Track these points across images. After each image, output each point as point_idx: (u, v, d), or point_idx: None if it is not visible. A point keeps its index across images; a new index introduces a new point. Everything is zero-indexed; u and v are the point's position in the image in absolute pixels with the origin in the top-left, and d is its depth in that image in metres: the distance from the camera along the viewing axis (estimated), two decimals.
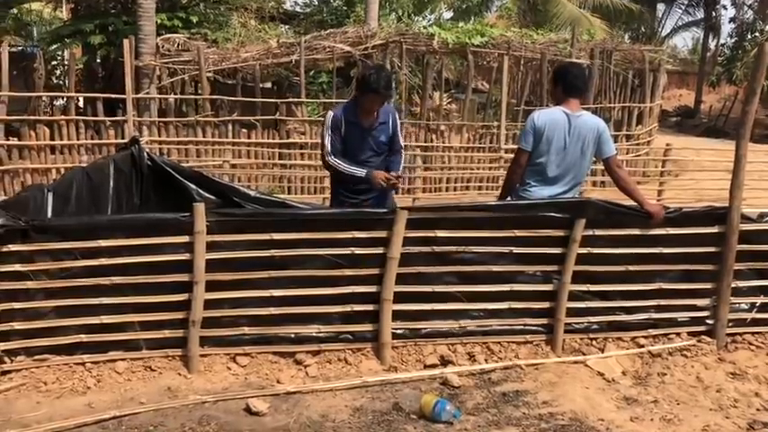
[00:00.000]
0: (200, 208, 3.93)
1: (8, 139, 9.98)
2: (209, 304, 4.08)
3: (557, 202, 4.36)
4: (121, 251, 3.95)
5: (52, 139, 10.46)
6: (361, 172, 4.58)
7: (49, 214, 4.70)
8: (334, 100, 11.88)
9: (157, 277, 4.00)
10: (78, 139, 10.56)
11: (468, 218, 4.30)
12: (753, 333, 4.74)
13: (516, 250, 4.35)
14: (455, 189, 11.56)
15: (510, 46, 11.95)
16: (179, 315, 4.07)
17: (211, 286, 4.06)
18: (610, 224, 4.41)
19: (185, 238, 3.97)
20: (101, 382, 3.92)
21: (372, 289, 4.25)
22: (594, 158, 4.55)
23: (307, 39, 11.57)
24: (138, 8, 11.21)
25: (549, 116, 4.43)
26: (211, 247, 4.01)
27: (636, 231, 4.44)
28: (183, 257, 3.99)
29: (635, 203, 4.47)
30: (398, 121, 4.89)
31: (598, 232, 4.38)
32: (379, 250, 4.20)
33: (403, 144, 5.00)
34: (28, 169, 10.03)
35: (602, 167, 11.15)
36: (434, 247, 4.28)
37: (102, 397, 3.77)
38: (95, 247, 3.91)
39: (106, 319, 4.00)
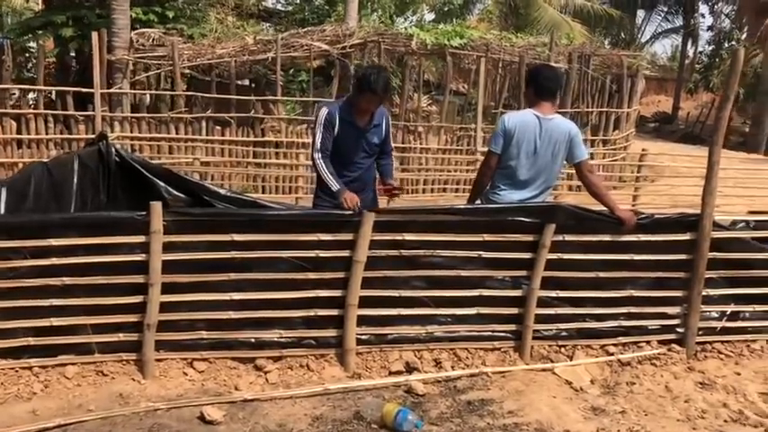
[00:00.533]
0: (156, 207, 3.78)
1: None
2: (165, 307, 3.92)
3: (526, 207, 4.26)
4: (74, 251, 3.78)
5: (19, 132, 10.23)
6: (334, 186, 4.35)
7: (2, 211, 4.51)
8: (311, 99, 11.75)
9: (111, 278, 3.84)
10: (47, 134, 10.33)
11: (436, 221, 4.19)
12: (722, 342, 4.68)
13: (485, 255, 4.25)
14: (432, 191, 11.46)
15: (489, 48, 11.89)
16: (134, 318, 3.91)
17: (168, 288, 3.91)
18: (580, 230, 4.32)
19: (141, 238, 3.82)
20: (48, 387, 3.74)
21: (337, 293, 4.13)
22: (566, 163, 4.46)
23: (284, 36, 11.42)
24: (113, 1, 10.98)
25: (519, 119, 4.33)
26: (168, 247, 3.86)
27: (607, 237, 4.36)
28: (139, 258, 3.83)
29: (606, 209, 4.38)
30: (390, 124, 4.77)
31: (568, 238, 4.29)
32: (345, 253, 4.08)
33: (392, 147, 4.92)
34: None
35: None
36: (402, 251, 4.17)
37: (48, 404, 3.59)
38: (46, 246, 3.74)
39: (56, 322, 3.82)
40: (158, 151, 10.58)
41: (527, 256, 4.28)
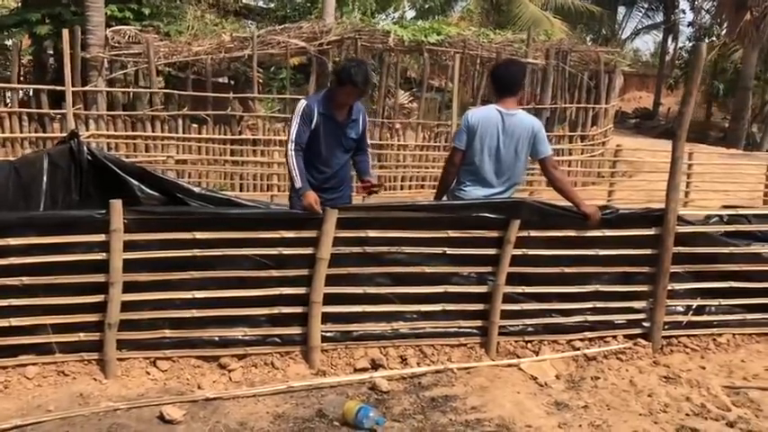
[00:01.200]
0: (116, 205, 3.74)
1: None
2: (127, 306, 3.89)
3: (490, 203, 4.26)
4: (33, 250, 3.74)
5: None
6: (298, 182, 4.28)
7: None
8: (289, 96, 11.70)
9: (71, 277, 3.80)
10: (22, 132, 10.23)
11: (400, 218, 4.18)
12: (689, 336, 4.71)
13: (450, 251, 4.25)
14: (410, 188, 11.48)
15: (466, 45, 11.89)
16: (95, 317, 3.88)
17: (130, 287, 3.88)
18: (545, 225, 4.32)
19: (101, 237, 3.78)
20: (8, 388, 3.70)
21: (301, 290, 4.11)
22: (530, 158, 4.47)
23: (260, 33, 11.36)
24: None
25: (482, 114, 4.34)
26: (129, 246, 3.82)
27: (572, 233, 4.37)
28: (99, 257, 3.80)
29: (571, 204, 4.39)
30: (367, 120, 4.74)
31: (533, 233, 4.30)
32: (309, 251, 4.06)
33: (369, 143, 4.89)
34: None
35: (568, 168, 11.14)
36: (366, 248, 4.15)
37: (6, 404, 3.55)
38: (4, 245, 3.69)
39: (15, 322, 3.78)
40: (134, 149, 10.51)
41: (492, 252, 4.28)
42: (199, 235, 3.92)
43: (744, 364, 4.44)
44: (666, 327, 4.64)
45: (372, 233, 4.14)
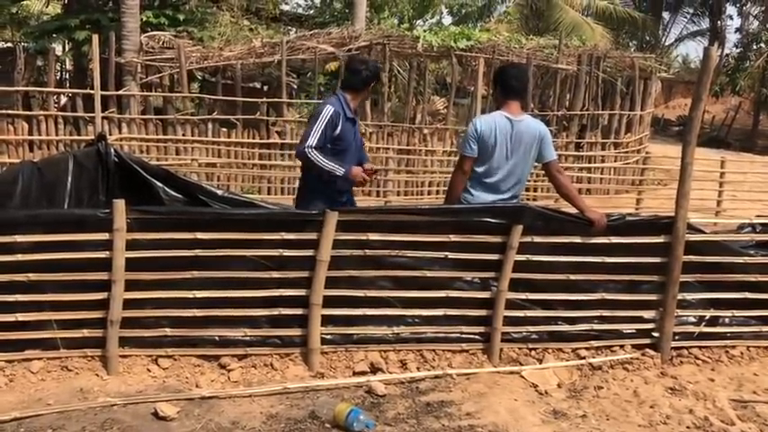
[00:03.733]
0: (119, 204, 3.83)
1: None
2: (130, 304, 3.97)
3: (493, 208, 4.22)
4: (39, 247, 3.84)
5: (31, 134, 10.44)
6: (340, 170, 4.39)
7: None
8: (315, 101, 11.78)
9: (75, 275, 3.89)
10: (57, 135, 10.54)
11: (402, 221, 4.18)
12: (700, 347, 4.59)
13: (452, 255, 4.22)
14: (437, 193, 11.43)
15: (495, 50, 11.82)
16: (98, 314, 3.96)
17: (132, 286, 3.95)
18: (549, 231, 4.26)
19: (105, 236, 3.86)
20: (13, 381, 3.81)
21: (301, 292, 4.13)
22: (535, 164, 4.41)
23: (290, 39, 11.49)
24: (122, 5, 11.19)
25: (490, 121, 4.29)
26: (132, 245, 3.90)
27: (577, 239, 4.30)
28: (103, 255, 3.88)
29: (576, 210, 4.33)
30: None
31: (537, 239, 4.24)
32: (309, 252, 4.08)
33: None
34: (5, 164, 9.96)
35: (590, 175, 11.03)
36: (367, 251, 4.16)
37: (9, 397, 3.65)
38: (11, 242, 3.81)
39: (22, 317, 3.89)
40: (165, 152, 10.73)
41: (495, 257, 4.24)
42: (200, 235, 3.97)
43: (756, 378, 4.30)
44: (677, 337, 4.53)
45: (373, 236, 4.14)
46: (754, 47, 29.55)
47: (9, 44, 16.18)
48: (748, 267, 4.53)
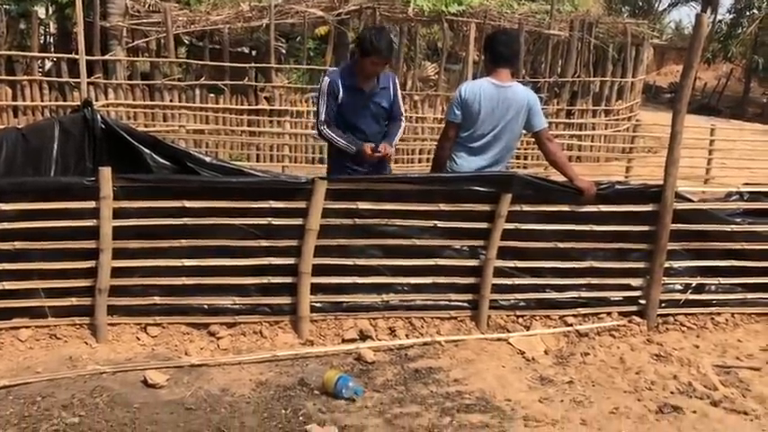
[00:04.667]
0: (105, 172, 3.79)
1: None
2: (118, 272, 3.96)
3: (482, 176, 4.22)
4: (25, 215, 3.81)
5: (15, 99, 10.29)
6: (351, 148, 4.36)
7: None
8: (305, 66, 11.65)
9: (63, 243, 3.87)
10: (42, 101, 10.39)
11: (391, 190, 4.16)
12: (686, 314, 4.64)
13: (441, 224, 4.22)
14: (428, 161, 11.39)
15: (487, 15, 11.69)
16: (86, 282, 3.95)
17: (120, 254, 3.94)
18: (538, 200, 4.26)
19: (91, 204, 3.83)
20: (1, 350, 3.80)
21: (291, 261, 4.13)
22: (524, 131, 4.40)
23: (278, 3, 11.30)
24: None
25: (476, 87, 4.27)
26: (120, 213, 3.87)
27: (566, 208, 4.31)
28: (90, 223, 3.85)
29: (565, 179, 4.32)
30: (398, 87, 4.65)
31: (526, 207, 4.24)
32: (298, 221, 4.07)
33: (403, 111, 4.74)
34: None
35: (580, 143, 11.00)
36: (356, 220, 4.15)
37: None
38: None
39: (9, 286, 3.87)
40: (153, 119, 10.61)
41: (484, 225, 4.24)
42: (188, 203, 3.94)
43: (739, 344, 4.37)
44: (663, 305, 4.57)
45: (363, 205, 4.13)
46: (747, 13, 29.42)
47: None
48: (735, 235, 4.56)
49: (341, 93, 4.40)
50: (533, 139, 4.69)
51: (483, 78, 4.32)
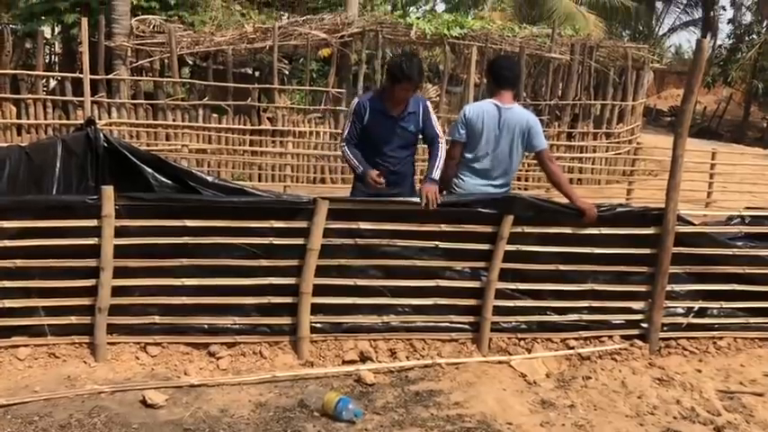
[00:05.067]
0: (107, 191, 3.80)
1: None
2: (118, 291, 3.95)
3: (483, 198, 4.22)
4: (27, 233, 3.81)
5: (19, 118, 10.34)
6: (359, 169, 4.37)
7: None
8: (307, 87, 11.71)
9: (63, 261, 3.87)
10: (46, 119, 10.44)
11: (393, 210, 4.17)
12: (688, 338, 4.60)
13: (442, 245, 4.22)
14: None
15: (488, 38, 11.77)
16: (86, 301, 3.94)
17: (121, 273, 3.93)
18: (540, 221, 4.26)
19: (93, 222, 3.83)
20: None
21: (291, 281, 4.12)
22: (527, 153, 4.41)
23: (282, 25, 11.39)
24: None
25: (479, 108, 4.32)
26: (121, 232, 3.87)
27: (567, 230, 4.30)
28: (91, 242, 3.85)
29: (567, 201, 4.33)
30: (430, 109, 4.57)
31: (527, 229, 4.24)
32: (299, 241, 4.07)
33: (440, 132, 4.55)
34: None
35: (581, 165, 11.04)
36: (357, 240, 4.15)
37: None
38: None
39: (9, 304, 3.86)
40: (155, 138, 10.65)
41: (485, 247, 4.24)
42: (190, 223, 3.95)
43: (742, 369, 4.33)
44: (665, 328, 4.55)
45: (364, 225, 4.13)
46: (747, 38, 29.59)
47: None
48: (736, 259, 4.54)
49: (367, 115, 4.42)
50: (534, 161, 4.70)
51: (486, 100, 4.35)
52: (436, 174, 4.31)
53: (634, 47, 14.19)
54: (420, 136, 4.61)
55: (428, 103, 4.61)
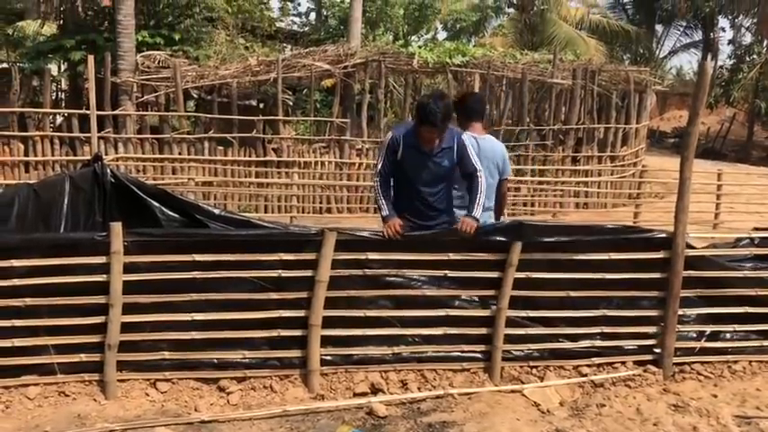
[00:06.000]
0: (116, 227, 3.81)
1: None
2: (127, 327, 3.94)
3: (491, 225, 4.22)
4: (36, 271, 3.81)
5: (26, 155, 10.43)
6: (384, 211, 4.30)
7: None
8: (312, 118, 11.79)
9: (72, 299, 3.87)
10: (53, 156, 10.52)
11: (400, 240, 4.16)
12: (702, 363, 4.55)
13: (451, 274, 4.21)
14: None
15: (490, 66, 11.86)
16: (96, 338, 3.93)
17: (130, 309, 3.93)
18: (548, 248, 4.25)
19: (102, 259, 3.84)
20: (9, 408, 3.77)
21: (300, 313, 4.11)
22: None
23: (285, 57, 11.52)
24: (118, 25, 11.21)
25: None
26: (130, 268, 3.88)
27: (577, 256, 4.29)
28: (100, 279, 3.86)
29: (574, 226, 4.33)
30: (466, 143, 4.39)
31: (537, 256, 4.23)
32: (308, 273, 4.06)
33: (479, 166, 4.38)
34: (1, 185, 9.92)
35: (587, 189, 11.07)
36: (366, 270, 4.14)
37: (5, 425, 3.61)
38: (7, 266, 3.78)
39: (18, 342, 3.85)
40: (162, 172, 10.72)
41: (494, 275, 4.22)
42: (198, 257, 3.95)
43: (759, 393, 4.27)
44: (678, 353, 4.50)
45: (372, 255, 4.13)
46: (748, 59, 29.74)
47: (5, 65, 16.18)
48: (748, 281, 4.51)
49: (401, 149, 4.35)
50: (540, 186, 4.74)
51: (463, 133, 4.45)
52: (477, 210, 4.23)
53: (636, 70, 14.28)
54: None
55: (465, 136, 4.46)
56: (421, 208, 4.37)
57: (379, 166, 4.42)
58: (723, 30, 35.00)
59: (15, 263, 3.79)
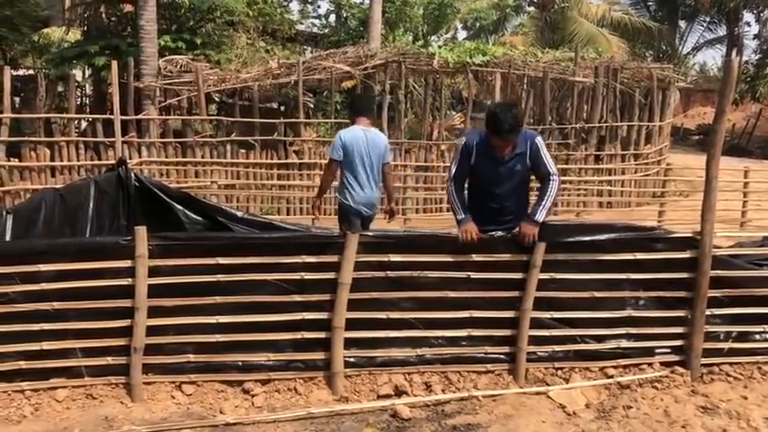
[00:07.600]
0: (141, 231, 3.84)
1: (9, 160, 10.08)
2: (153, 330, 3.97)
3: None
4: (62, 276, 3.86)
5: (52, 160, 10.56)
6: (459, 215, 4.32)
7: (8, 238, 4.62)
8: (333, 120, 11.81)
9: (98, 303, 3.91)
10: (78, 160, 10.65)
11: (423, 241, 4.15)
12: (731, 363, 4.48)
13: (474, 275, 4.18)
14: None
15: (511, 65, 11.80)
16: (122, 341, 3.97)
17: (155, 312, 3.96)
18: (572, 248, 4.21)
19: (127, 263, 3.88)
20: (38, 410, 3.82)
21: (324, 315, 4.11)
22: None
23: (306, 59, 11.55)
24: (140, 30, 11.32)
25: (352, 134, 5.43)
26: (155, 271, 3.91)
27: (602, 256, 4.24)
28: (125, 282, 3.89)
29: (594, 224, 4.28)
30: (540, 146, 4.36)
31: (561, 257, 4.19)
32: (331, 275, 4.06)
33: (553, 170, 4.35)
34: (28, 190, 10.08)
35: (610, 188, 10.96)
36: (389, 272, 4.13)
37: (35, 427, 3.67)
38: (35, 271, 3.83)
39: (47, 346, 3.91)
40: (185, 175, 10.81)
41: (518, 276, 4.19)
42: (222, 260, 3.97)
43: None
44: (706, 354, 4.43)
45: (395, 257, 4.12)
46: None
47: (31, 71, 16.44)
48: None
49: (474, 155, 4.37)
50: (562, 186, 4.66)
51: (353, 126, 5.52)
52: (540, 215, 4.18)
53: (659, 67, 14.11)
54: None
55: (539, 139, 4.41)
56: (494, 212, 4.40)
57: (453, 172, 4.46)
58: (748, 24, 34.44)
59: (43, 267, 3.84)
